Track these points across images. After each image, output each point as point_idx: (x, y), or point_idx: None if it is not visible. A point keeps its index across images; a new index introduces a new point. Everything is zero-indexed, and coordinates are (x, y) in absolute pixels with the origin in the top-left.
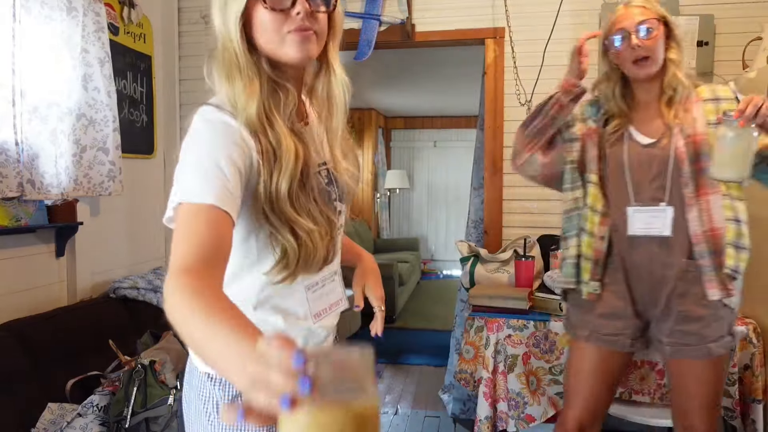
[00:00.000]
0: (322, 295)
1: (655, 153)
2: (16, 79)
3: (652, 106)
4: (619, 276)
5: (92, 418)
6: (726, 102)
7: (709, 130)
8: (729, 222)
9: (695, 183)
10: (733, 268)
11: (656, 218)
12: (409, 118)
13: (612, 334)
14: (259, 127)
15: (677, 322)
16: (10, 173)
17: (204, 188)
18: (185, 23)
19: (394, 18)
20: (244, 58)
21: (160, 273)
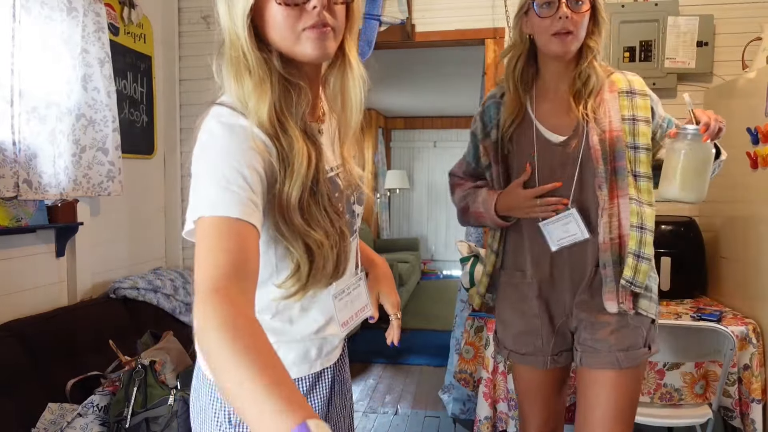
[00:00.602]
0: (348, 303)
1: (567, 152)
2: (14, 78)
3: (559, 96)
4: (532, 290)
5: (92, 418)
6: (640, 97)
7: (624, 126)
8: (633, 229)
9: (609, 185)
10: (629, 279)
11: (569, 224)
12: (409, 118)
13: (530, 354)
14: (271, 131)
15: (586, 329)
16: (7, 173)
17: (227, 200)
18: (185, 23)
19: (394, 18)
20: (253, 56)
21: (160, 273)
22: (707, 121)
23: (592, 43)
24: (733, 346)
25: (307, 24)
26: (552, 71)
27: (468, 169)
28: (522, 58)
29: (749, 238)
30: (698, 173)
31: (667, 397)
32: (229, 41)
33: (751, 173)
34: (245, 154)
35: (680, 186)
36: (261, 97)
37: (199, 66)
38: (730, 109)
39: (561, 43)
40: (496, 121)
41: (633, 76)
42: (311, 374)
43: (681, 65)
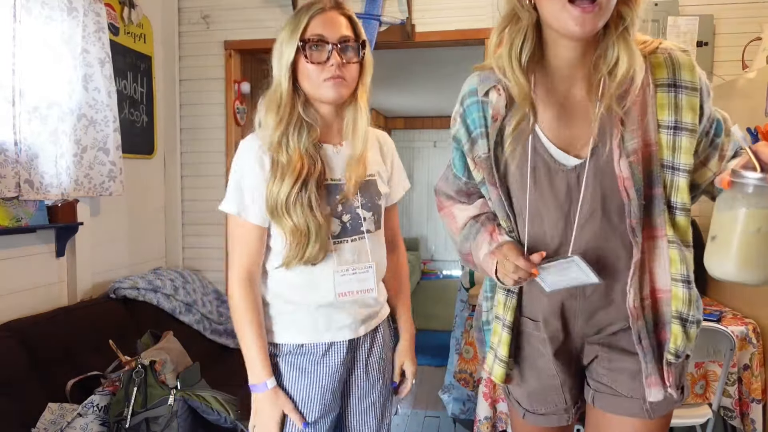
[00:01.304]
0: (351, 281)
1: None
2: (15, 79)
3: (572, 96)
4: (547, 347)
5: (92, 418)
6: (687, 93)
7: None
8: (676, 284)
9: (641, 224)
10: (679, 352)
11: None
12: (409, 118)
13: (551, 413)
14: (277, 148)
15: (601, 361)
16: (8, 173)
17: (249, 209)
18: (185, 23)
19: (394, 18)
20: (287, 99)
21: (160, 273)
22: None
23: (625, 9)
24: (733, 346)
25: (327, 76)
26: (562, 56)
27: (457, 185)
28: (529, 36)
29: None
30: (766, 242)
31: None
32: (275, 86)
33: None
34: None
35: (740, 262)
36: (277, 128)
37: (199, 66)
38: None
39: (582, 19)
40: (483, 129)
41: (681, 56)
42: (322, 343)
43: None
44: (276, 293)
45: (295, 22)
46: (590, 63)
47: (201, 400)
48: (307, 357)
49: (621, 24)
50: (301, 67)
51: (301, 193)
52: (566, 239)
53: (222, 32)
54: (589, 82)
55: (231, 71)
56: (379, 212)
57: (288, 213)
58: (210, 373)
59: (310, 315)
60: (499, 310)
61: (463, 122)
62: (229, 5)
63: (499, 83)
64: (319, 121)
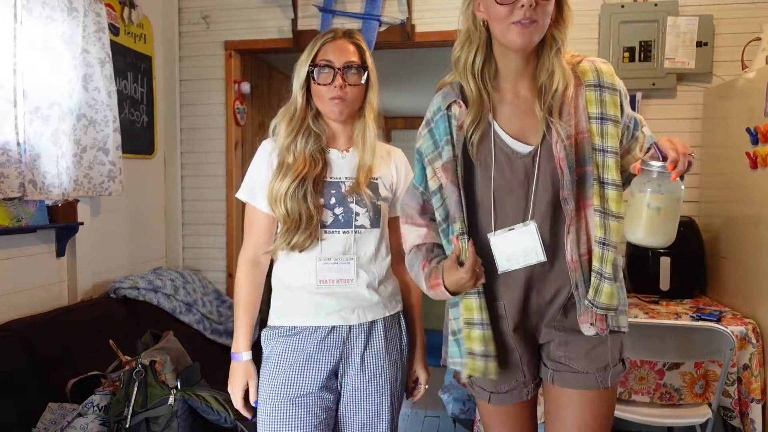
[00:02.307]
0: (332, 270)
1: (532, 165)
2: (17, 79)
3: (520, 97)
4: (507, 323)
5: (92, 417)
6: (609, 92)
7: (592, 126)
8: (595, 245)
9: (575, 196)
10: (591, 300)
11: (524, 242)
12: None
13: (512, 389)
14: (285, 152)
15: (558, 346)
16: (12, 173)
17: (258, 197)
18: (185, 23)
19: (394, 18)
20: (300, 112)
21: (160, 273)
22: (675, 156)
23: (556, 32)
24: (732, 346)
25: (331, 95)
26: (510, 66)
27: (415, 196)
28: (481, 50)
29: (749, 238)
30: (666, 217)
31: (666, 397)
32: (292, 98)
33: (750, 173)
34: (267, 167)
35: (646, 231)
36: (287, 136)
37: (199, 66)
38: (729, 109)
39: (522, 33)
40: (449, 137)
41: (602, 64)
42: (311, 326)
43: (680, 65)
44: (276, 278)
45: (311, 48)
46: (532, 70)
47: (201, 400)
48: (298, 337)
49: (554, 44)
50: (313, 87)
51: (298, 188)
52: (525, 216)
53: (222, 32)
54: (533, 86)
55: (231, 71)
56: (377, 211)
57: (284, 202)
58: (210, 373)
59: (301, 299)
60: (473, 315)
61: (431, 135)
62: (229, 5)
63: (458, 97)
64: (327, 131)
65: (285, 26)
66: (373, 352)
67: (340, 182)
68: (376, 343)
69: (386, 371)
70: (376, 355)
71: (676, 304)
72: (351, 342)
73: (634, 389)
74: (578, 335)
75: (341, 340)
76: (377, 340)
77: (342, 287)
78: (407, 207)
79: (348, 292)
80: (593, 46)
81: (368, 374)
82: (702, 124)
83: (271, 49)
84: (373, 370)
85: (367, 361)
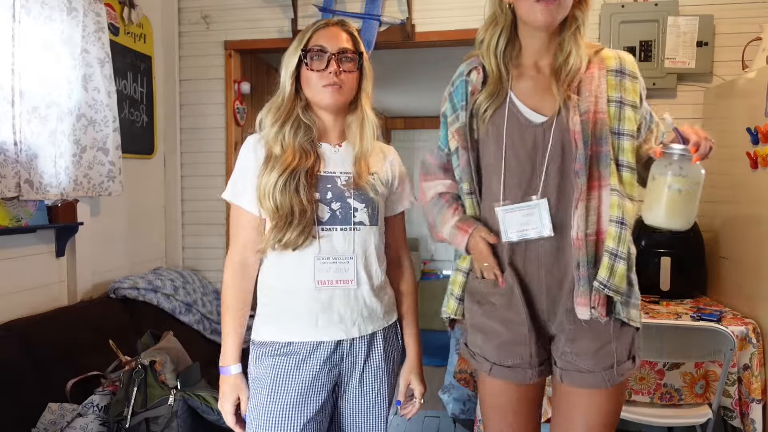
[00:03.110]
0: (331, 270)
1: (546, 136)
2: (15, 79)
3: (541, 73)
4: (516, 295)
5: (92, 418)
6: (630, 79)
7: (610, 108)
8: (612, 224)
9: (588, 172)
10: (603, 281)
11: (531, 216)
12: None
13: (516, 366)
14: (273, 141)
15: (566, 341)
16: (8, 173)
17: (249, 200)
18: (185, 23)
19: (394, 18)
20: (287, 102)
21: (160, 273)
22: (697, 140)
23: (578, 12)
24: (733, 346)
25: (325, 82)
26: (533, 44)
27: (440, 157)
28: (505, 31)
29: (749, 238)
30: (687, 199)
31: (667, 397)
32: (280, 89)
33: (751, 173)
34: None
35: (667, 213)
36: (273, 125)
37: (199, 66)
38: (729, 109)
39: (546, 11)
40: (464, 103)
41: (625, 55)
42: (309, 341)
43: (681, 65)
44: (265, 282)
45: (301, 36)
46: (553, 50)
47: (201, 400)
48: (293, 357)
49: (574, 24)
50: (304, 74)
51: (289, 180)
52: (532, 185)
53: (222, 32)
54: (552, 64)
55: (231, 71)
56: (374, 207)
57: (272, 196)
58: (210, 373)
59: (296, 309)
60: (460, 264)
61: (450, 99)
62: (229, 5)
63: (480, 64)
64: (317, 124)
65: (285, 26)
66: (372, 366)
67: (335, 176)
68: (376, 356)
69: (384, 384)
70: (375, 368)
71: (676, 304)
72: (352, 356)
73: (634, 389)
74: (586, 331)
75: (341, 356)
76: (377, 354)
77: (342, 289)
78: (430, 166)
79: (348, 296)
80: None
81: (366, 388)
82: (702, 124)
83: (271, 49)
84: (371, 383)
85: (366, 375)
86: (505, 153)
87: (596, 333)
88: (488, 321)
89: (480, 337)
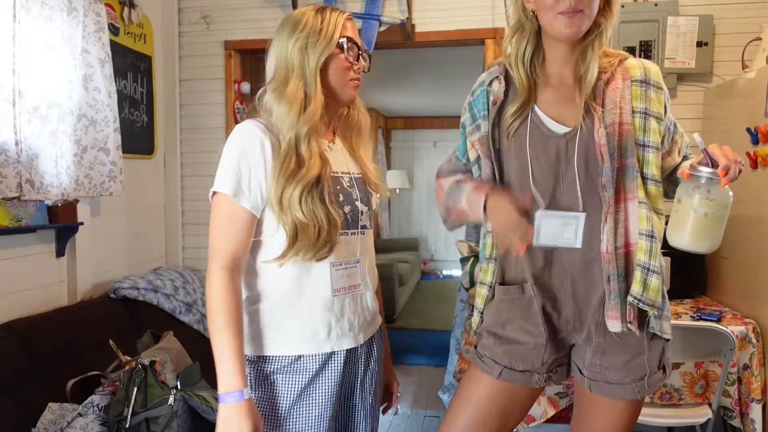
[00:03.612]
0: (343, 276)
1: (570, 147)
2: (16, 79)
3: (564, 83)
4: (535, 306)
5: (92, 418)
6: (655, 89)
7: (635, 120)
8: (642, 238)
9: (615, 185)
10: (637, 296)
11: (568, 226)
12: (409, 118)
13: (527, 371)
14: (293, 145)
15: (595, 353)
16: (10, 173)
17: (244, 195)
18: (185, 23)
19: (394, 18)
20: (318, 93)
21: (160, 273)
22: (726, 163)
23: (602, 19)
24: (732, 346)
25: (354, 76)
26: (556, 53)
27: (455, 166)
28: (531, 40)
29: (749, 238)
30: (714, 223)
31: (667, 397)
32: (305, 79)
33: (751, 173)
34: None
35: (693, 237)
36: (308, 122)
37: (199, 66)
38: (729, 109)
39: (570, 23)
40: (486, 112)
41: (650, 65)
42: (321, 353)
43: (681, 65)
44: (267, 293)
45: (331, 21)
46: (576, 58)
47: (201, 400)
48: (304, 372)
49: (596, 30)
50: (335, 64)
51: (314, 190)
52: (555, 196)
53: (222, 32)
54: (576, 74)
55: (231, 71)
56: (372, 208)
57: (298, 209)
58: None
59: (308, 319)
60: (483, 277)
61: (470, 109)
62: (229, 5)
63: (501, 74)
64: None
65: None
66: (370, 369)
67: (340, 177)
68: (373, 359)
69: (379, 384)
70: (372, 370)
71: (676, 304)
72: (357, 363)
73: None
74: (617, 344)
75: (349, 365)
76: (374, 357)
77: (351, 295)
78: (444, 170)
79: (356, 302)
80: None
81: (366, 391)
82: (702, 124)
83: None
84: (369, 386)
85: (366, 378)
86: (531, 165)
87: (627, 346)
88: (505, 330)
89: (492, 341)
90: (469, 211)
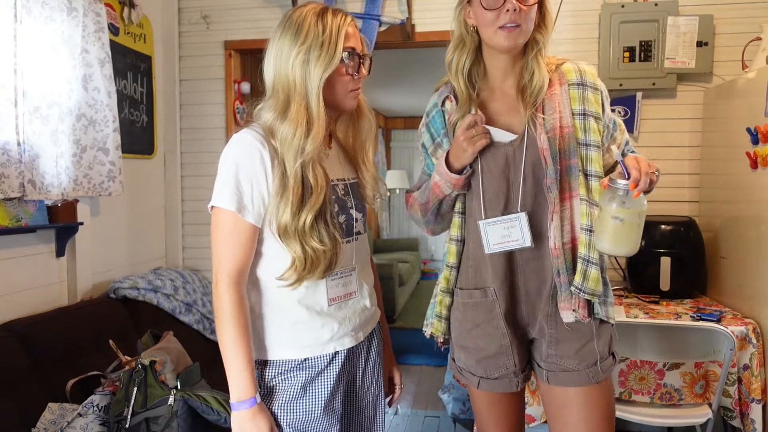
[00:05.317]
0: (339, 285)
1: (517, 154)
2: (18, 79)
3: (506, 94)
4: (497, 308)
5: (92, 418)
6: (591, 90)
7: (575, 121)
8: (582, 232)
9: (560, 185)
10: (578, 286)
11: (513, 228)
12: (409, 118)
13: (503, 377)
14: (299, 168)
15: (550, 344)
16: (12, 173)
17: (248, 210)
18: (185, 23)
19: (394, 18)
20: (320, 109)
21: (160, 273)
22: (636, 176)
23: (539, 36)
24: (732, 346)
25: (353, 87)
26: (497, 66)
27: (424, 181)
28: (471, 53)
29: (749, 238)
30: (630, 228)
31: (666, 397)
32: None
33: (751, 173)
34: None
35: (612, 243)
36: (314, 138)
37: (199, 66)
38: (729, 109)
39: (509, 37)
40: (445, 130)
41: (585, 66)
42: (325, 354)
43: (681, 65)
44: (276, 305)
45: (333, 28)
46: (518, 71)
47: (201, 400)
48: (308, 372)
49: (536, 47)
50: (337, 78)
51: (319, 215)
52: (509, 200)
53: (222, 32)
54: (518, 84)
55: (231, 71)
56: (366, 214)
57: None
58: (210, 373)
59: (312, 325)
60: (443, 285)
61: (428, 130)
62: (229, 5)
63: (450, 93)
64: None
65: None
66: (370, 363)
67: (335, 186)
68: (373, 353)
69: (380, 377)
70: (373, 364)
71: (676, 304)
72: (358, 359)
73: (634, 389)
74: (568, 333)
75: (350, 361)
76: (374, 351)
77: (349, 302)
78: (415, 188)
79: (354, 307)
80: (593, 46)
81: (367, 384)
82: (702, 124)
83: None
84: (371, 379)
85: (367, 372)
86: (481, 173)
87: (578, 333)
88: (470, 338)
89: (464, 354)
90: (441, 178)
